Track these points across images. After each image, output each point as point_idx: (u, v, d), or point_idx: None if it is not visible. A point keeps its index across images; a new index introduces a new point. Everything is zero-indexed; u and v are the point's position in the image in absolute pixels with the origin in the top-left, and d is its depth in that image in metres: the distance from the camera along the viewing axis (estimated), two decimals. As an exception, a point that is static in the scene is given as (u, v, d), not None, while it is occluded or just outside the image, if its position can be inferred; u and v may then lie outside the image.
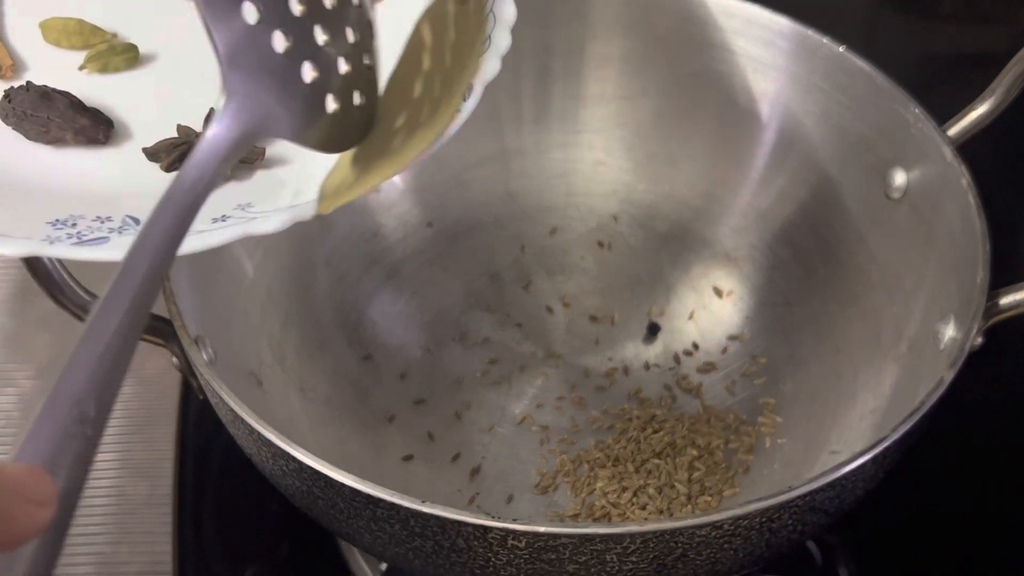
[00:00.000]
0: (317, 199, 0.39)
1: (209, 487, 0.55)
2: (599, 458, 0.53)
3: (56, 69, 0.48)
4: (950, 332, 0.46)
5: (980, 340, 0.44)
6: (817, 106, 0.56)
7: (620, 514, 0.51)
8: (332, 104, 0.38)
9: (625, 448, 0.53)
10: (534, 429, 0.55)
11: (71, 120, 0.44)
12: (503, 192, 0.62)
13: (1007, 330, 0.45)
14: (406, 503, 0.38)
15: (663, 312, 0.59)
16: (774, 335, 0.57)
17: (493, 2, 0.45)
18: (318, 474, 0.39)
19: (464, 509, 0.40)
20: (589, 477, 0.53)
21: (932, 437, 0.43)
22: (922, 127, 0.51)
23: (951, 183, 0.49)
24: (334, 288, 0.57)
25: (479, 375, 0.57)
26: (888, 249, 0.53)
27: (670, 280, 0.60)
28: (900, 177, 0.53)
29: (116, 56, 0.48)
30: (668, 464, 0.53)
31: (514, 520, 0.38)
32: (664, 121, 0.60)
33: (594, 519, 0.51)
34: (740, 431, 0.54)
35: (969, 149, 0.50)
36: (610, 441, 0.54)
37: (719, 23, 0.57)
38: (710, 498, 0.51)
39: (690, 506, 0.51)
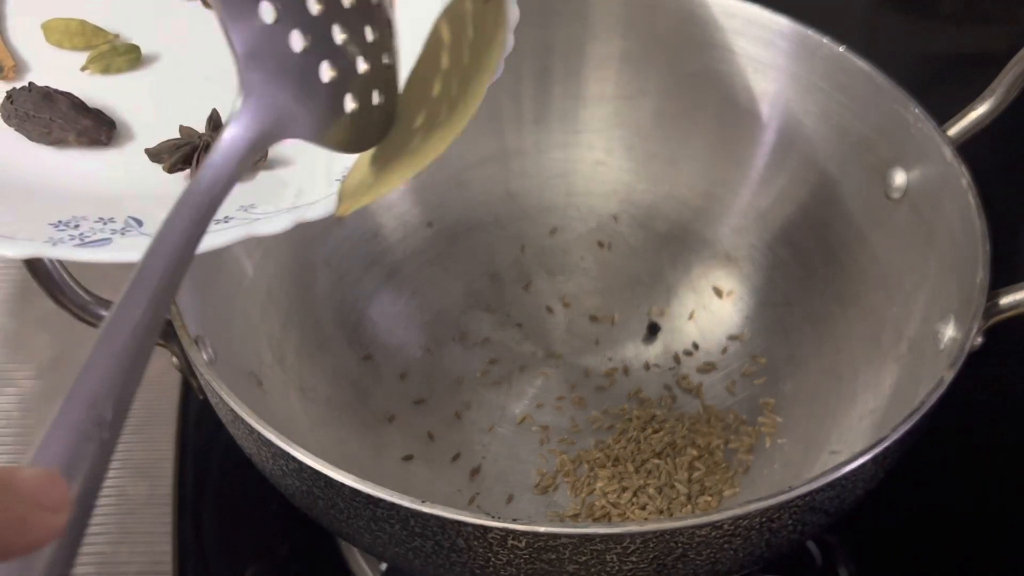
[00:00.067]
0: (337, 200, 0.39)
1: (209, 487, 0.55)
2: (599, 458, 0.53)
3: (58, 70, 0.48)
4: (950, 332, 0.46)
5: (980, 340, 0.44)
6: (817, 106, 0.56)
7: (620, 514, 0.51)
8: (351, 104, 0.37)
9: (625, 448, 0.53)
10: (534, 429, 0.55)
11: (73, 121, 0.44)
12: (503, 192, 0.62)
13: (1007, 330, 0.45)
14: (406, 503, 0.38)
15: (663, 312, 0.59)
16: (774, 335, 0.57)
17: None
18: (318, 474, 0.39)
19: (464, 509, 0.40)
20: (589, 477, 0.53)
21: (932, 437, 0.43)
22: (922, 127, 0.51)
23: (951, 183, 0.49)
24: (334, 288, 0.57)
25: (479, 375, 0.57)
26: (888, 249, 0.53)
27: (670, 280, 0.60)
28: (900, 177, 0.53)
29: (118, 57, 0.48)
30: (668, 464, 0.53)
31: (514, 520, 0.38)
32: (664, 121, 0.60)
33: (594, 519, 0.51)
34: (740, 431, 0.54)
35: (969, 149, 0.50)
36: (610, 441, 0.54)
37: (719, 23, 0.57)
38: (710, 498, 0.51)
39: (690, 506, 0.51)
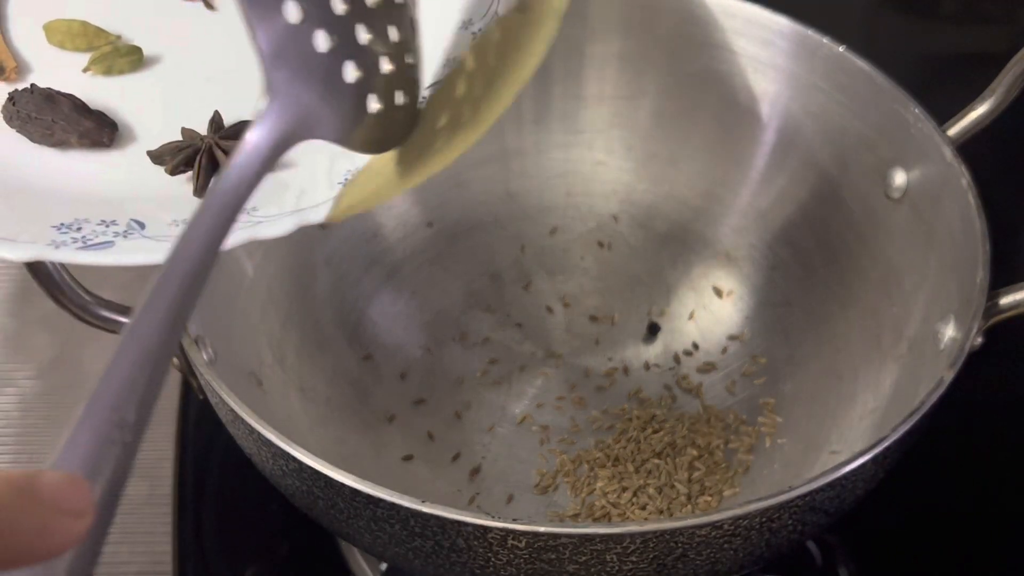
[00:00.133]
0: (341, 197, 0.39)
1: (209, 487, 0.55)
2: (599, 458, 0.53)
3: (60, 71, 0.48)
4: (950, 332, 0.46)
5: (980, 340, 0.44)
6: (817, 106, 0.56)
7: (620, 514, 0.51)
8: (375, 104, 0.37)
9: (625, 448, 0.53)
10: (534, 429, 0.55)
11: (75, 123, 0.44)
12: (503, 192, 0.62)
13: (1007, 330, 0.45)
14: (406, 503, 0.38)
15: (663, 312, 0.59)
16: (774, 335, 0.57)
17: (497, 2, 0.45)
18: (318, 474, 0.39)
19: (464, 509, 0.40)
20: (589, 477, 0.53)
21: (932, 437, 0.43)
22: (922, 127, 0.51)
23: (951, 183, 0.49)
24: (334, 288, 0.57)
25: (479, 375, 0.57)
26: (888, 249, 0.53)
27: (670, 280, 0.60)
28: (900, 177, 0.53)
29: (120, 58, 0.48)
30: (668, 464, 0.53)
31: (514, 520, 0.38)
32: (664, 121, 0.60)
33: (594, 519, 0.51)
34: (740, 431, 0.54)
35: (969, 149, 0.50)
36: (610, 441, 0.54)
37: (719, 23, 0.57)
38: (710, 498, 0.51)
39: (690, 506, 0.51)
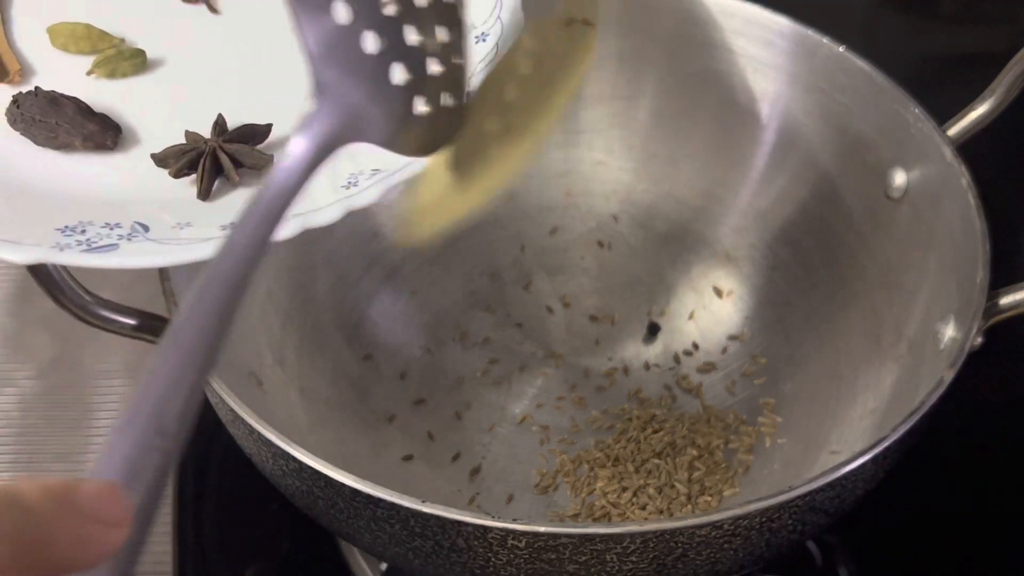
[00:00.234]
0: (413, 220, 0.38)
1: (209, 487, 0.55)
2: (599, 458, 0.53)
3: (64, 74, 0.48)
4: (950, 332, 0.46)
5: (980, 340, 0.44)
6: (817, 106, 0.56)
7: (620, 514, 0.51)
8: (422, 106, 0.36)
9: (625, 448, 0.53)
10: (534, 429, 0.55)
11: (79, 126, 0.44)
12: (503, 192, 0.62)
13: (1007, 330, 0.45)
14: (406, 503, 0.38)
15: (663, 312, 0.59)
16: (774, 335, 0.57)
17: (501, 7, 0.45)
18: (318, 474, 0.39)
19: (464, 509, 0.40)
20: (589, 477, 0.53)
21: (932, 437, 0.43)
22: (922, 127, 0.51)
23: (951, 183, 0.49)
24: (334, 288, 0.57)
25: (479, 375, 0.57)
26: (888, 249, 0.53)
27: (670, 280, 0.60)
28: (900, 177, 0.53)
29: (124, 61, 0.48)
30: (668, 464, 0.53)
31: (514, 520, 0.38)
32: (664, 121, 0.60)
33: (594, 519, 0.51)
34: (740, 431, 0.54)
35: (969, 149, 0.50)
36: (610, 441, 0.54)
37: (719, 23, 0.57)
38: (710, 498, 0.51)
39: (690, 506, 0.51)
